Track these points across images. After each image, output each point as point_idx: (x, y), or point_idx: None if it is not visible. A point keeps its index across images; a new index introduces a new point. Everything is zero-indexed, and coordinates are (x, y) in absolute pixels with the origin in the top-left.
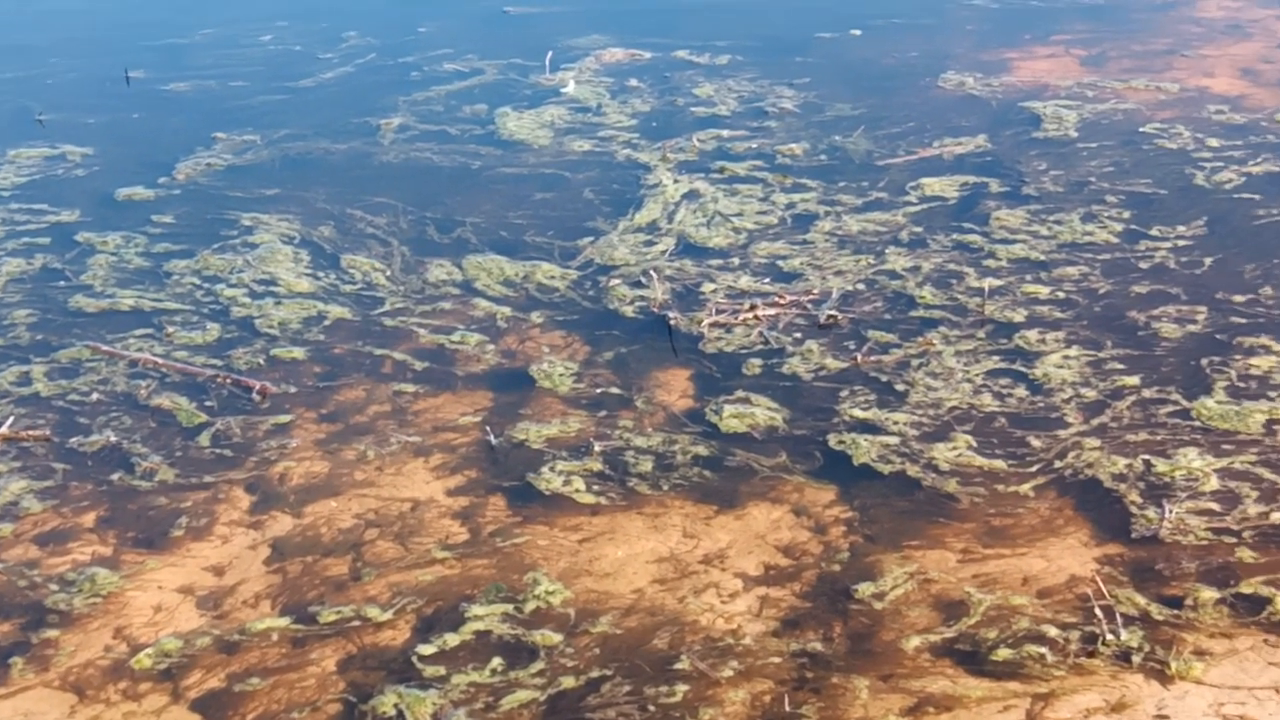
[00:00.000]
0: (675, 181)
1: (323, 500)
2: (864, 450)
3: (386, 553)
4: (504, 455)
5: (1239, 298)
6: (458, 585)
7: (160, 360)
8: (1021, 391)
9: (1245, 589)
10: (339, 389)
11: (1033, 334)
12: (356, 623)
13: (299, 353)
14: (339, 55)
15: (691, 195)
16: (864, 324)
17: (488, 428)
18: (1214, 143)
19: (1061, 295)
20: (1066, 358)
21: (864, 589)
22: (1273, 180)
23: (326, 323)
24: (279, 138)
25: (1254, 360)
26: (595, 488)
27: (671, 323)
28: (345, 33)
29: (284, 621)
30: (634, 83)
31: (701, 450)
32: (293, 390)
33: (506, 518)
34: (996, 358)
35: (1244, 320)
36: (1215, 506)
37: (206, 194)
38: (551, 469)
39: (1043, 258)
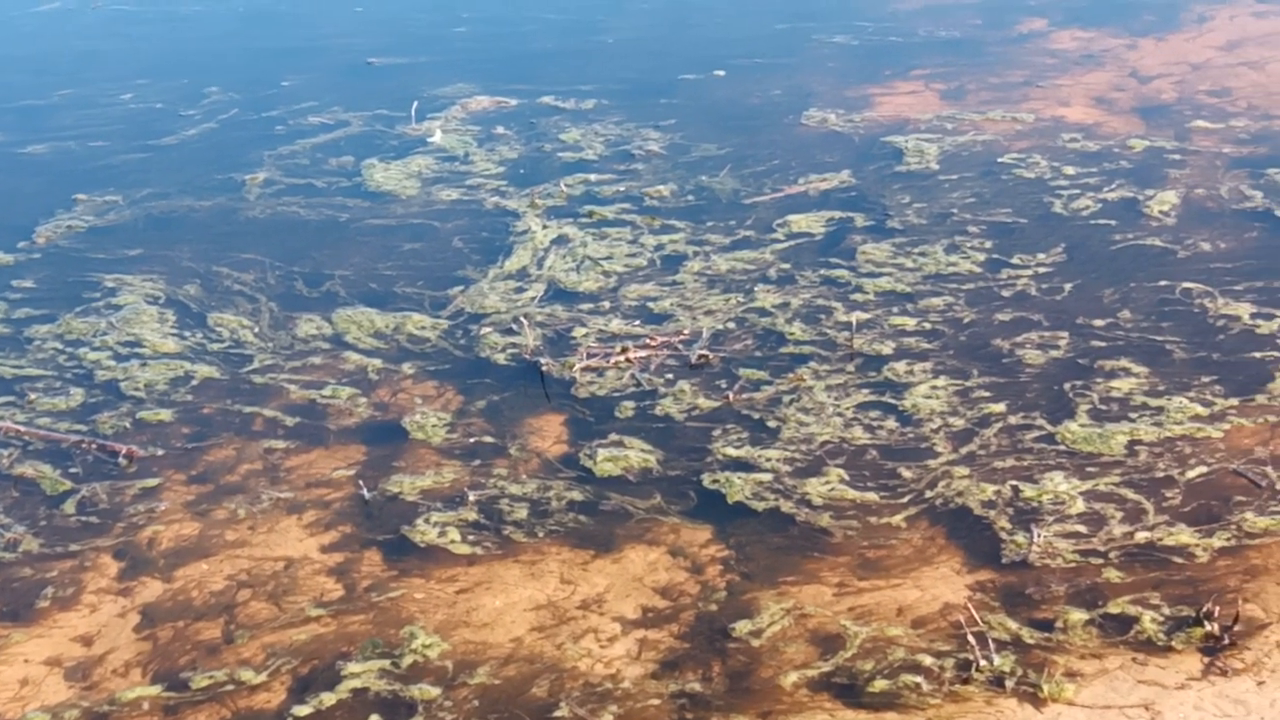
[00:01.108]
0: (544, 227)
1: (193, 563)
2: (738, 488)
3: (260, 613)
4: (378, 509)
5: (1099, 322)
6: (334, 643)
7: (22, 428)
8: (891, 423)
9: (1113, 609)
10: (208, 449)
11: (901, 366)
12: (230, 687)
13: (166, 414)
14: (201, 111)
15: (561, 240)
16: (735, 362)
17: (361, 482)
18: (1070, 171)
19: (928, 326)
20: (934, 388)
21: (741, 627)
22: (1128, 206)
23: (194, 383)
24: (142, 197)
25: (1115, 383)
26: (471, 538)
27: (543, 369)
28: (207, 89)
29: (155, 689)
30: (501, 130)
31: (577, 495)
32: (160, 453)
33: (382, 572)
34: (866, 391)
35: (1104, 344)
36: (1082, 529)
37: (68, 256)
38: (426, 521)
39: (909, 290)
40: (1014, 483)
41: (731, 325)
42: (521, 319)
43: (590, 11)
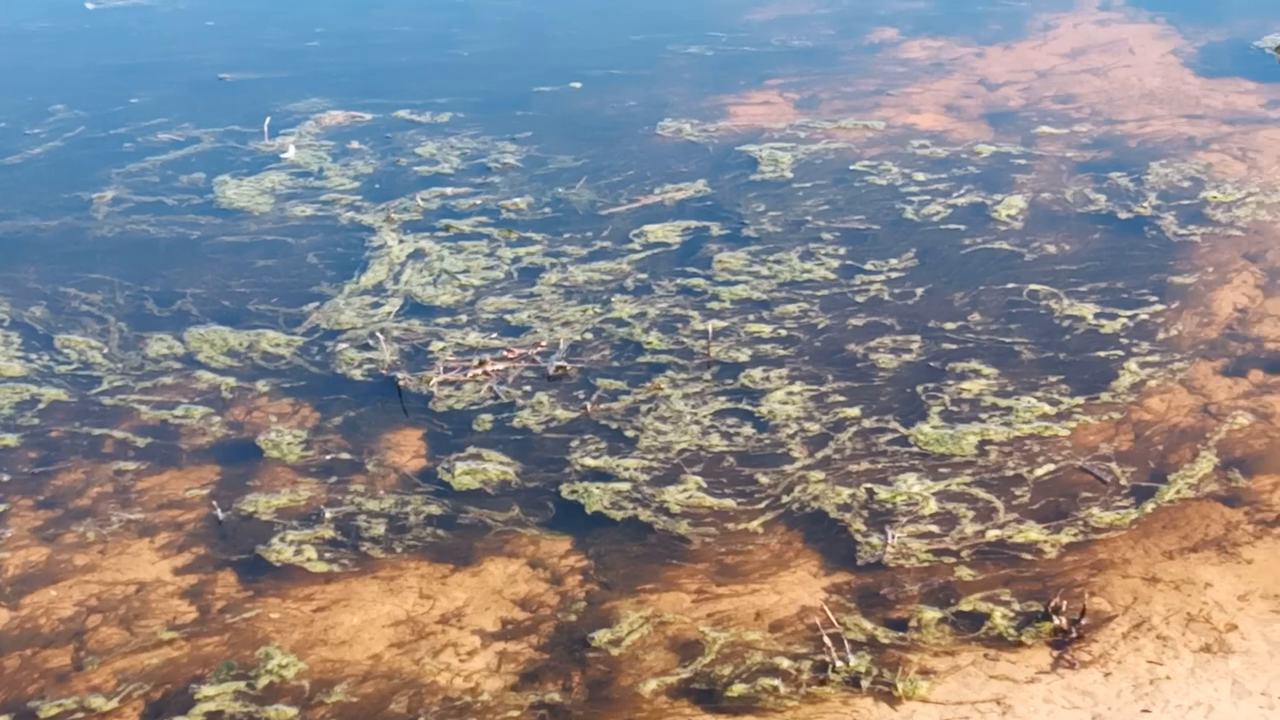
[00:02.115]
0: (400, 242)
1: (41, 589)
2: (596, 498)
3: (111, 639)
4: (232, 529)
5: (950, 325)
6: (187, 666)
7: None
8: (748, 430)
9: (965, 606)
10: (56, 473)
11: (757, 372)
12: (80, 715)
13: (11, 439)
14: (46, 130)
15: (417, 255)
16: (593, 373)
17: (215, 502)
18: (921, 177)
19: (783, 333)
20: (790, 394)
21: (601, 636)
22: (976, 210)
23: (41, 406)
24: None
25: (965, 385)
26: (328, 555)
27: (401, 383)
28: (52, 106)
29: None
30: (355, 145)
31: (435, 509)
32: (6, 478)
33: (237, 593)
34: (723, 398)
35: (955, 346)
36: (935, 529)
37: None
38: (282, 540)
39: (764, 297)
40: (868, 485)
41: (589, 336)
42: (378, 334)
43: (445, 25)
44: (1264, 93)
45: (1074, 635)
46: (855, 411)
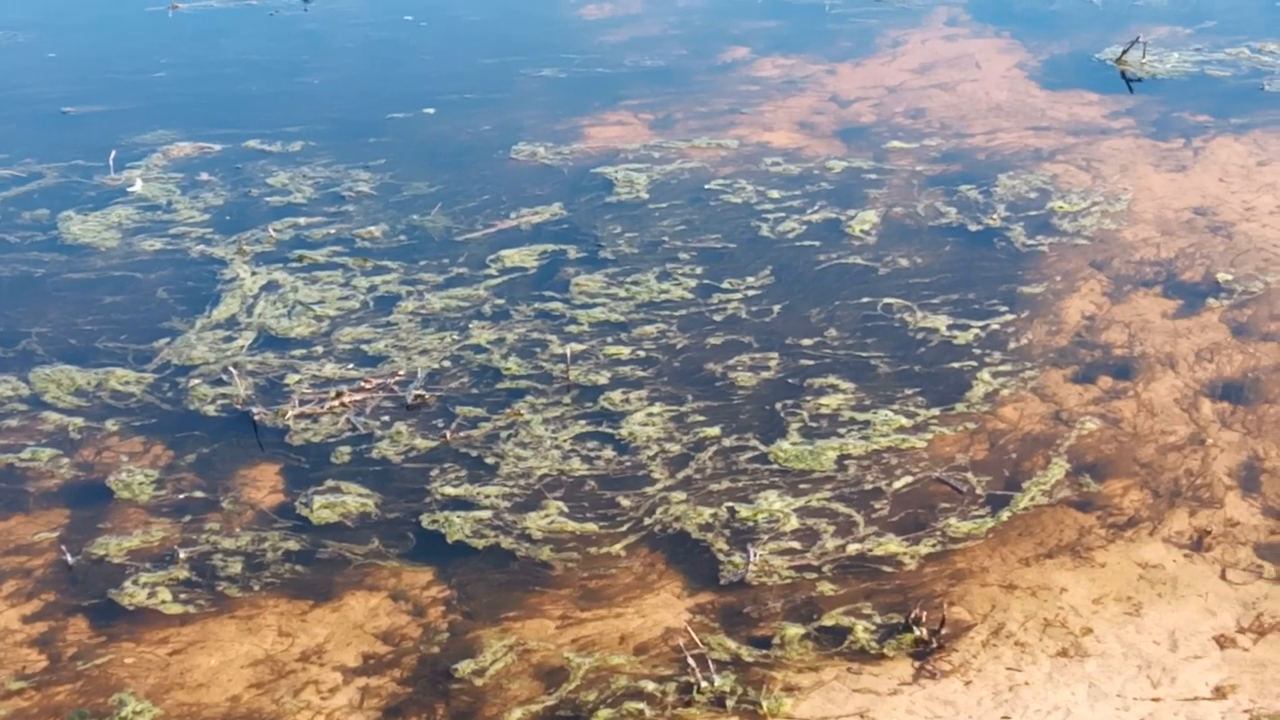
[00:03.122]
0: (253, 274)
1: None
2: (457, 527)
3: None
4: (83, 573)
5: (807, 341)
6: (37, 717)
7: None
8: (609, 453)
9: (828, 621)
10: None
11: (617, 395)
12: None
13: None
14: None
15: (271, 286)
16: (452, 401)
17: (64, 546)
18: (775, 194)
19: (642, 354)
20: (650, 415)
21: (464, 667)
22: (830, 226)
23: None
24: None
25: (824, 400)
26: (183, 596)
27: (256, 418)
28: None
29: None
30: (205, 176)
31: (293, 545)
32: None
33: (89, 639)
34: (583, 422)
35: (812, 362)
36: (796, 545)
37: None
38: (135, 582)
39: (622, 319)
40: (730, 504)
41: (447, 364)
42: (231, 368)
43: (295, 52)
44: (1106, 104)
45: (935, 645)
46: (715, 431)
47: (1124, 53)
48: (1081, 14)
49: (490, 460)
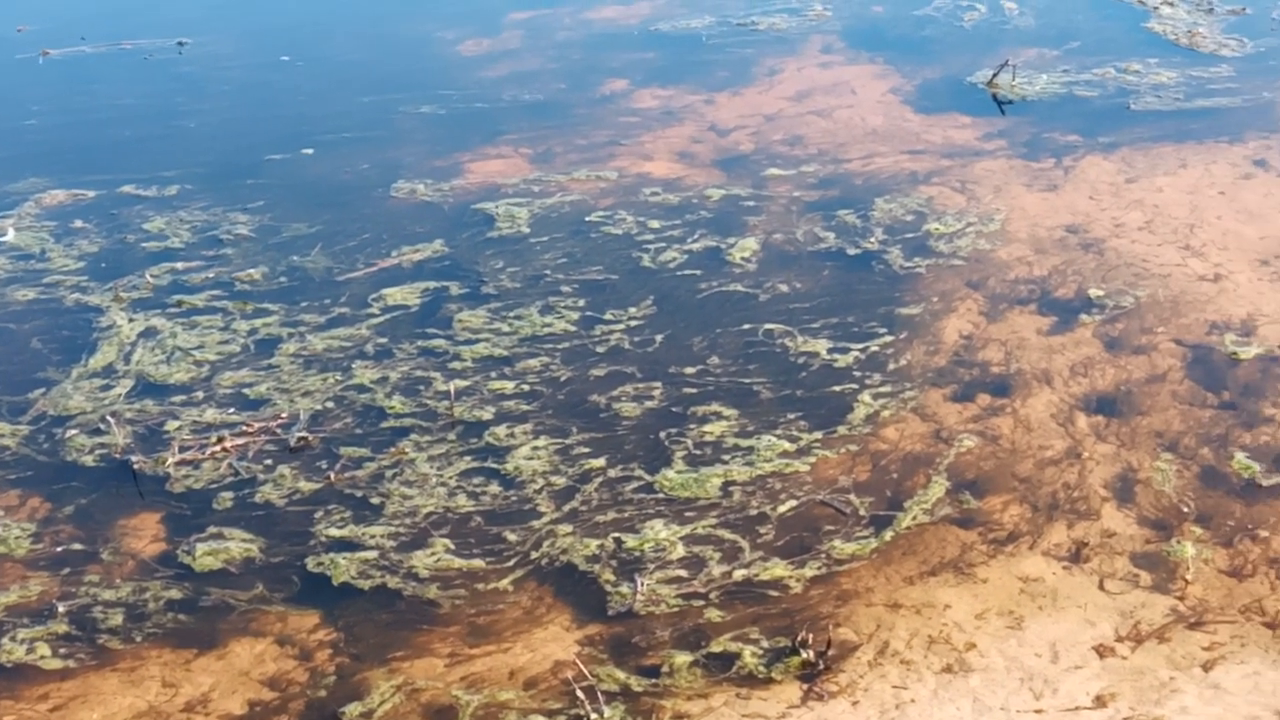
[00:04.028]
0: (130, 321)
1: None
2: (343, 569)
3: None
4: None
5: (690, 369)
6: None
7: None
8: (495, 488)
9: (716, 647)
10: None
11: (502, 430)
12: None
13: None
14: None
15: (149, 333)
16: (336, 442)
17: None
18: (655, 224)
19: (526, 388)
20: (535, 449)
21: (352, 710)
22: (711, 254)
23: None
24: None
25: (707, 427)
26: (63, 651)
27: (135, 466)
28: None
29: None
30: (79, 224)
31: (176, 594)
32: None
33: None
34: (469, 458)
35: (696, 390)
36: (683, 573)
37: None
38: (12, 638)
39: (506, 353)
40: (616, 535)
41: (331, 404)
42: (109, 417)
43: (169, 96)
44: (978, 126)
45: (822, 667)
46: (601, 462)
47: (994, 76)
48: (952, 38)
49: (375, 500)
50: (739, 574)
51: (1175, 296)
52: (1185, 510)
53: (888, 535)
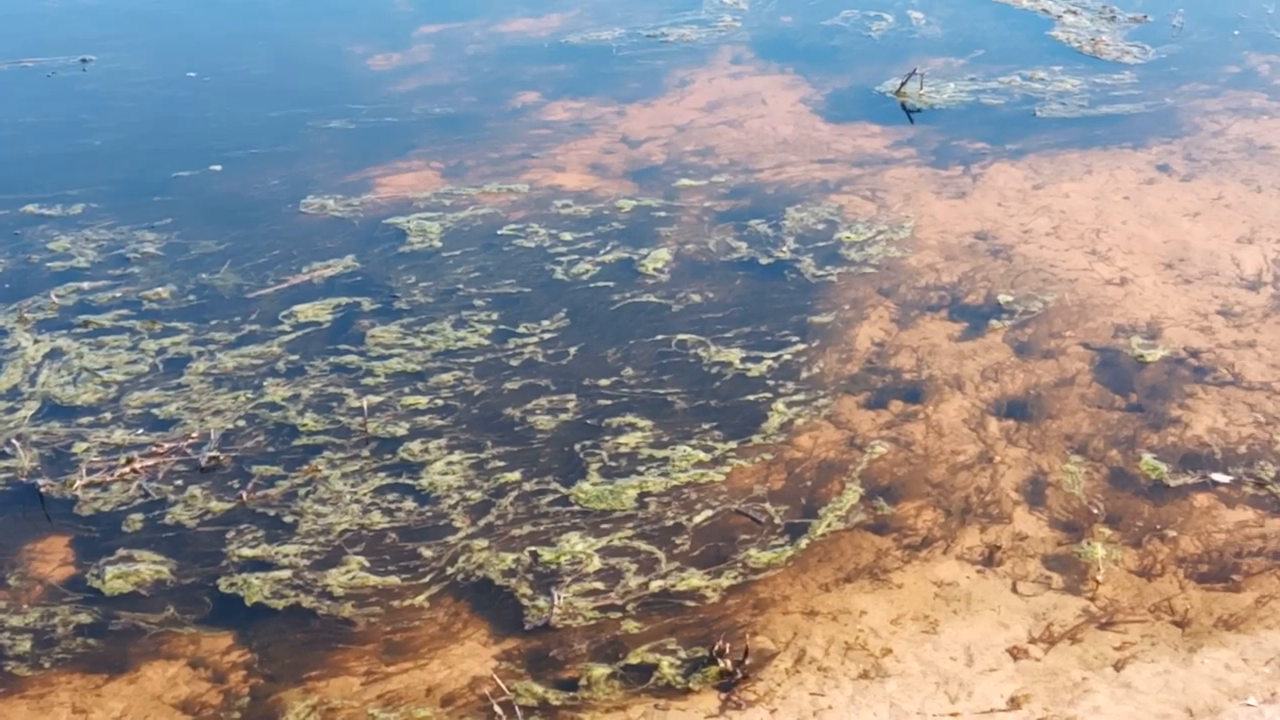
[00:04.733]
0: (35, 342)
1: None
2: (256, 589)
3: None
4: None
5: (604, 381)
6: None
7: None
8: (410, 504)
9: (633, 659)
10: None
11: (416, 445)
12: None
13: None
14: None
15: (54, 354)
16: (248, 460)
17: None
18: (568, 236)
19: (440, 403)
20: (450, 464)
21: None
22: (624, 266)
23: None
24: None
25: (622, 439)
26: None
27: (42, 490)
28: None
29: None
30: None
31: (85, 618)
32: None
33: None
34: (383, 474)
35: (610, 402)
36: (600, 585)
37: None
38: None
39: (419, 368)
40: (532, 548)
41: (242, 423)
42: (14, 440)
43: (74, 113)
44: (888, 135)
45: (739, 676)
46: (516, 475)
47: (902, 85)
48: (861, 48)
49: (289, 519)
50: (655, 585)
51: (1082, 301)
52: (1095, 512)
53: (803, 543)
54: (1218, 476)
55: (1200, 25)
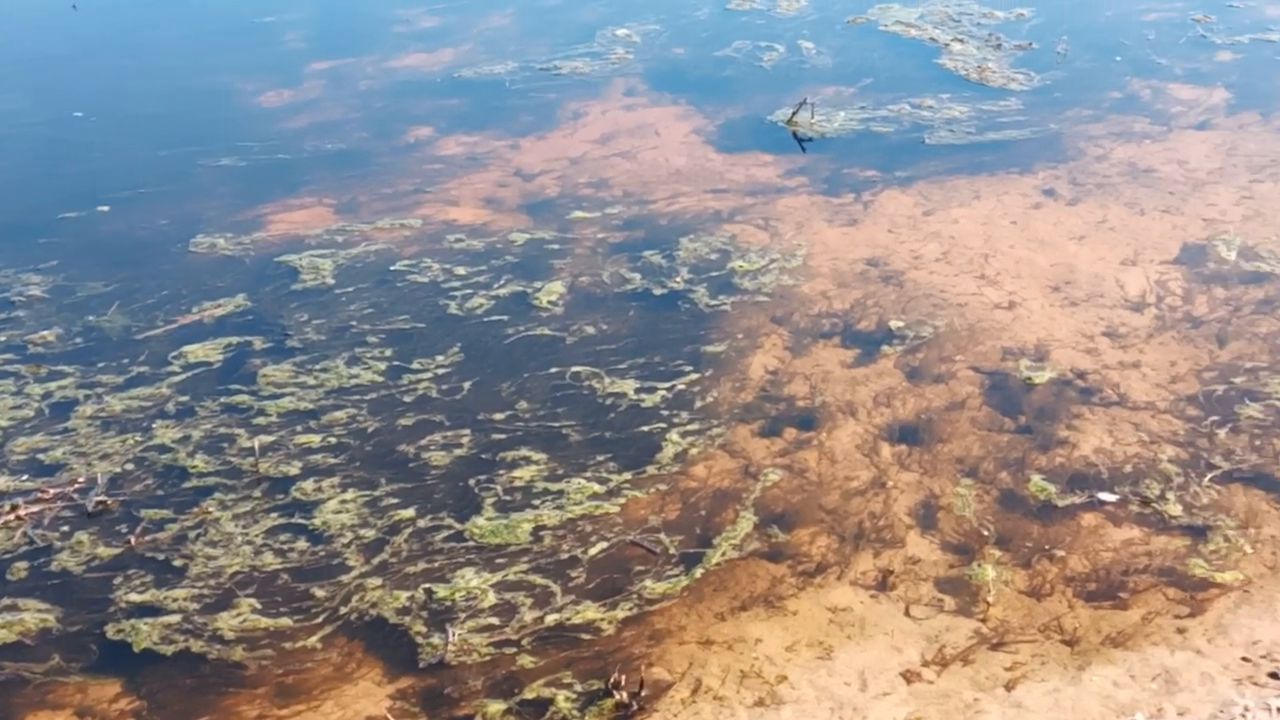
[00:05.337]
0: None
1: None
2: (145, 635)
3: None
4: None
5: (499, 415)
6: None
7: None
8: (302, 544)
9: (529, 694)
10: None
11: (309, 484)
12: None
13: None
14: None
15: None
16: (137, 504)
17: None
18: (461, 271)
19: (333, 441)
20: (344, 502)
21: None
22: (518, 299)
23: None
24: None
25: (517, 472)
26: None
27: None
28: None
29: None
30: None
31: None
32: None
33: None
34: (275, 514)
35: (505, 436)
36: (495, 620)
37: None
38: None
39: (312, 406)
40: (427, 585)
41: (131, 466)
42: None
43: None
44: (780, 164)
45: (635, 708)
46: (410, 513)
47: (794, 114)
48: (752, 78)
49: (178, 562)
50: (551, 619)
51: (972, 325)
52: (985, 534)
53: (698, 573)
54: (1104, 496)
55: (1084, 52)
